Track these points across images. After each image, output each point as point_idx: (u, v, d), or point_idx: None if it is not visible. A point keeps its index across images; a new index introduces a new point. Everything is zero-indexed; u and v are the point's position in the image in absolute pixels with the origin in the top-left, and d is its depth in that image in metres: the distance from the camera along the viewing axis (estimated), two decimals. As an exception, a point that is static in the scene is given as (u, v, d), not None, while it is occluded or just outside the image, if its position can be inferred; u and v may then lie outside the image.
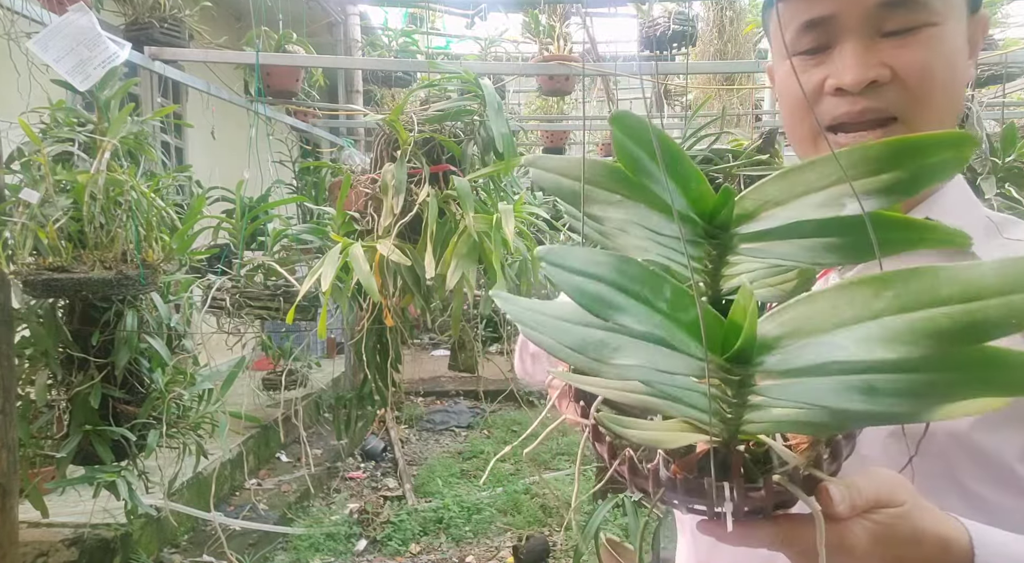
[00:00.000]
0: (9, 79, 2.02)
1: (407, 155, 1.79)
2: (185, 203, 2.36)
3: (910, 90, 0.58)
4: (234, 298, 2.09)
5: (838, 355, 0.31)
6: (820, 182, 0.35)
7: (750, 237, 0.39)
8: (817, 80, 0.61)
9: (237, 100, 3.25)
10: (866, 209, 0.33)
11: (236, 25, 5.09)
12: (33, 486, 1.83)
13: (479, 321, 2.46)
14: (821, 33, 0.61)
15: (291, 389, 3.65)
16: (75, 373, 1.79)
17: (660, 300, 0.34)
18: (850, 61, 0.59)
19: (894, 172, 0.33)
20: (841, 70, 0.59)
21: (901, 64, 0.58)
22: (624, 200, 0.41)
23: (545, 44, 3.72)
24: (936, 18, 0.58)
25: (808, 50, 0.62)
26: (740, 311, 0.33)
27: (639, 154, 0.37)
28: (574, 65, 3.31)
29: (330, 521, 3.37)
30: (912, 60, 0.58)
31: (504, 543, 3.23)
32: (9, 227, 1.61)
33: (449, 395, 5.89)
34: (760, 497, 0.39)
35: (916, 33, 0.58)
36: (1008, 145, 1.88)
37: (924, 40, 0.58)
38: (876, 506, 0.44)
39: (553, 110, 5.59)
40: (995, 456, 0.58)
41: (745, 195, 0.38)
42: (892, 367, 0.31)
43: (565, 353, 0.38)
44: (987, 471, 0.58)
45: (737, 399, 0.37)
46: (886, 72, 0.58)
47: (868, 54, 0.58)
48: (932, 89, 0.59)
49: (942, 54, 0.59)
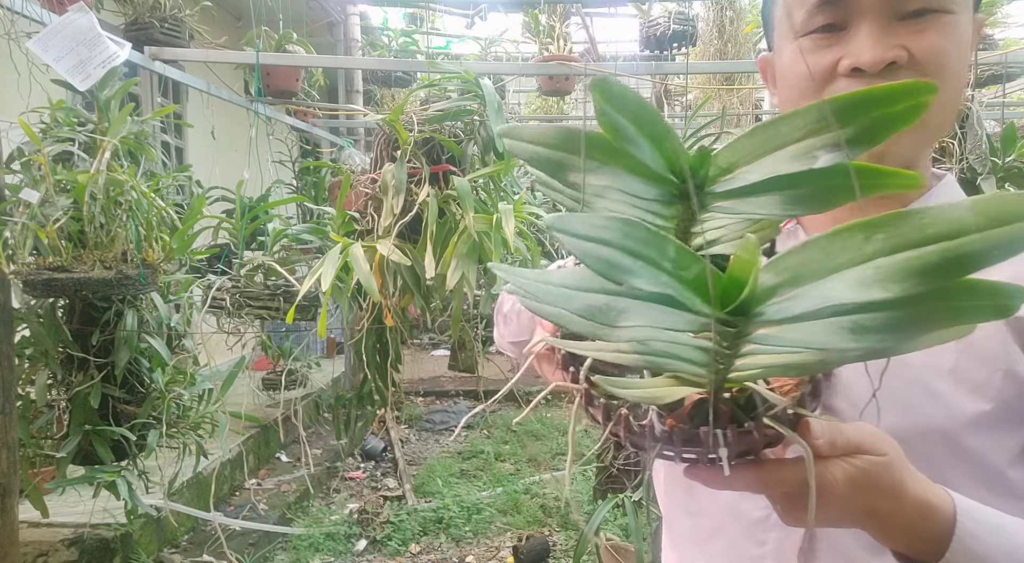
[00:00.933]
0: (9, 79, 2.02)
1: (407, 155, 1.80)
2: (185, 203, 2.36)
3: (925, 74, 0.58)
4: (234, 298, 2.09)
5: (834, 299, 0.32)
6: (793, 135, 0.36)
7: (725, 195, 0.40)
8: (829, 61, 0.61)
9: (237, 100, 3.25)
10: (836, 160, 0.35)
11: (236, 25, 5.09)
12: (33, 486, 1.83)
13: (479, 321, 2.46)
14: (838, 10, 0.60)
15: (291, 389, 3.65)
16: (75, 373, 1.79)
17: (665, 260, 0.35)
18: (869, 41, 0.58)
19: (860, 121, 0.34)
20: (859, 50, 0.58)
21: (918, 47, 0.58)
22: (601, 166, 0.41)
23: (545, 44, 3.71)
24: (952, 4, 0.58)
25: (822, 27, 0.61)
26: (742, 264, 0.34)
27: (619, 119, 0.37)
28: (574, 65, 3.31)
29: (330, 521, 3.37)
30: (928, 44, 0.58)
31: (504, 543, 3.23)
32: (9, 227, 1.62)
33: (449, 395, 5.89)
34: (752, 439, 0.40)
35: (933, 19, 0.58)
36: (1008, 145, 1.89)
37: (940, 26, 0.58)
38: (858, 451, 0.44)
39: (553, 110, 5.60)
40: (986, 460, 0.57)
41: (720, 152, 0.39)
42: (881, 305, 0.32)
43: (571, 319, 0.38)
44: (977, 475, 0.58)
45: (731, 350, 0.38)
46: (904, 54, 0.58)
47: (886, 35, 0.58)
48: (945, 74, 0.59)
49: (955, 42, 0.59)
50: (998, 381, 0.57)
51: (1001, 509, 0.55)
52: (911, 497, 0.47)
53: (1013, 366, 0.57)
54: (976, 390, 0.57)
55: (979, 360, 0.57)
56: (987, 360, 0.57)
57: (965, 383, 0.57)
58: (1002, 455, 0.57)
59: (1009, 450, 0.58)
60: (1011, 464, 0.58)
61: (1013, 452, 0.58)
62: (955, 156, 1.83)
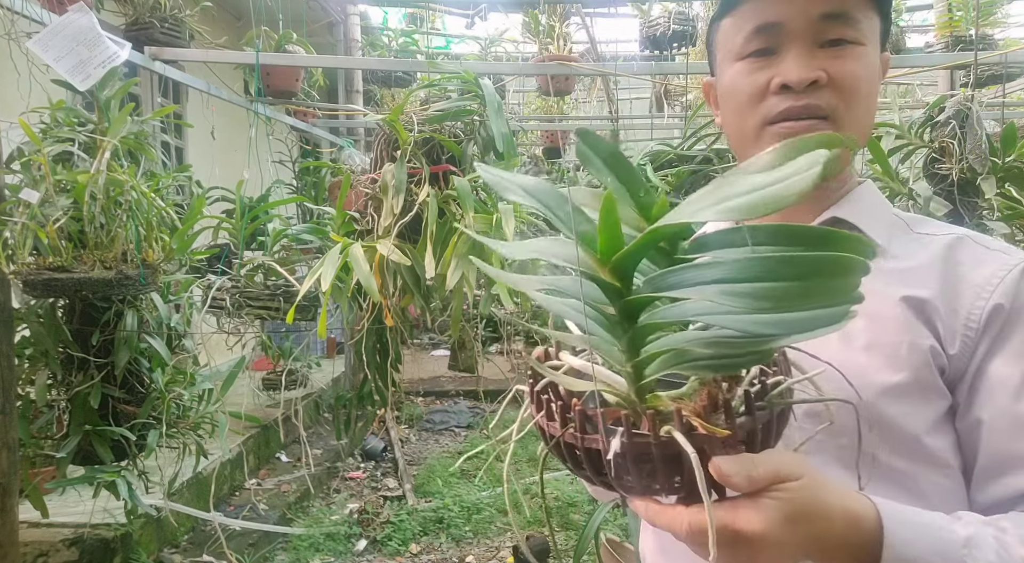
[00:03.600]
0: (9, 79, 2.02)
1: (407, 155, 1.79)
2: (185, 203, 2.36)
3: (842, 94, 0.69)
4: (234, 298, 2.09)
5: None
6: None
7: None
8: (763, 80, 0.71)
9: (237, 100, 3.25)
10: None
11: (236, 25, 5.09)
12: (33, 486, 1.83)
13: (479, 321, 2.46)
14: (771, 37, 0.70)
15: (291, 389, 3.65)
16: (75, 373, 1.79)
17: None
18: (795, 63, 0.69)
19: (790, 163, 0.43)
20: (787, 70, 0.69)
21: (836, 71, 0.68)
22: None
23: (545, 44, 3.72)
24: (864, 39, 0.70)
25: (757, 51, 0.71)
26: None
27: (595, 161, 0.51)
28: (574, 65, 3.31)
29: (330, 521, 3.37)
30: (845, 69, 0.69)
31: (504, 543, 3.23)
32: (9, 227, 1.61)
33: (449, 395, 5.89)
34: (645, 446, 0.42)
35: (848, 48, 0.69)
36: (1008, 145, 1.88)
37: (854, 55, 0.69)
38: (776, 480, 0.45)
39: (553, 110, 5.59)
40: (900, 427, 0.64)
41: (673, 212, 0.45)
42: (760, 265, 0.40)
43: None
44: (894, 442, 0.64)
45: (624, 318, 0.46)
46: (824, 75, 0.68)
47: (810, 58, 0.69)
48: (858, 95, 0.70)
49: (867, 68, 0.70)
50: (905, 352, 0.65)
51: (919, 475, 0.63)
52: (837, 510, 0.48)
53: (916, 339, 0.65)
54: (888, 363, 0.65)
55: (887, 335, 0.66)
56: (894, 334, 0.65)
57: (878, 357, 0.65)
58: (918, 423, 0.64)
59: (924, 418, 0.64)
60: (927, 432, 0.64)
61: (929, 420, 0.64)
62: (955, 156, 1.83)
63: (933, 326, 0.65)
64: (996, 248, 0.69)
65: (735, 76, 0.73)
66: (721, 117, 0.80)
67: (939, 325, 0.65)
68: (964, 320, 0.65)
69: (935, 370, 0.64)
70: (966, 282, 0.66)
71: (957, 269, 0.67)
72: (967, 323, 0.65)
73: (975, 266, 0.67)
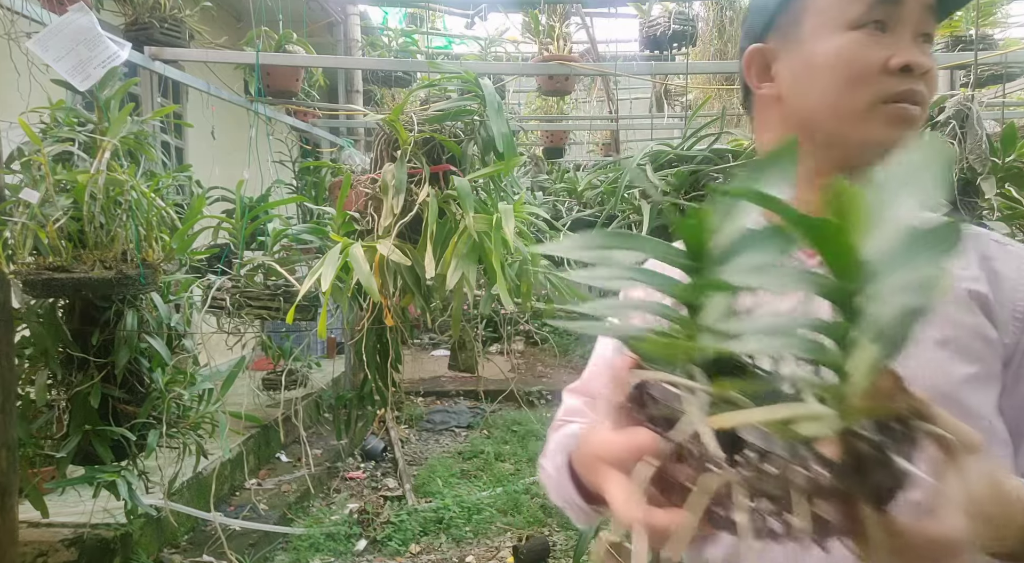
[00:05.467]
0: (9, 79, 2.02)
1: (407, 155, 1.79)
2: (185, 203, 2.36)
3: (930, 87, 0.70)
4: (234, 298, 2.09)
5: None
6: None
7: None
8: (881, 57, 0.69)
9: (237, 100, 3.25)
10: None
11: (236, 25, 5.09)
12: (33, 486, 1.83)
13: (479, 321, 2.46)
14: (891, 11, 0.69)
15: (291, 389, 3.65)
16: (75, 373, 1.79)
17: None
18: (916, 48, 0.69)
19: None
20: (910, 52, 0.69)
21: (930, 64, 0.70)
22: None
23: (545, 44, 3.71)
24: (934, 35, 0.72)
25: (875, 23, 0.69)
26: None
27: None
28: (574, 65, 3.31)
29: (330, 521, 3.37)
30: (932, 64, 0.70)
31: (504, 543, 3.23)
32: (9, 227, 1.61)
33: (449, 395, 5.89)
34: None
35: (929, 45, 0.71)
36: (1008, 145, 1.88)
37: (930, 52, 0.71)
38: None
39: (553, 110, 5.59)
40: (980, 414, 0.67)
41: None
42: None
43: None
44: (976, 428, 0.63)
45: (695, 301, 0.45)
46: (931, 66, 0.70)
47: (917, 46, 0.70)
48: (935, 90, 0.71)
49: None
50: (977, 345, 0.68)
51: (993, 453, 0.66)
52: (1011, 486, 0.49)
53: (982, 330, 0.68)
54: (962, 356, 0.67)
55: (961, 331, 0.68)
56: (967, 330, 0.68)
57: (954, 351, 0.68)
58: (989, 408, 0.68)
59: (992, 403, 0.68)
60: (994, 415, 0.68)
61: (994, 404, 0.68)
62: (955, 156, 1.83)
63: (992, 318, 0.69)
64: (1005, 241, 0.74)
65: (849, 45, 0.69)
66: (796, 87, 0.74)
67: (995, 317, 0.69)
68: (1011, 311, 0.69)
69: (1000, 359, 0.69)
70: (1001, 276, 0.71)
71: (991, 264, 0.71)
72: (1013, 313, 0.69)
73: (1004, 260, 0.71)
